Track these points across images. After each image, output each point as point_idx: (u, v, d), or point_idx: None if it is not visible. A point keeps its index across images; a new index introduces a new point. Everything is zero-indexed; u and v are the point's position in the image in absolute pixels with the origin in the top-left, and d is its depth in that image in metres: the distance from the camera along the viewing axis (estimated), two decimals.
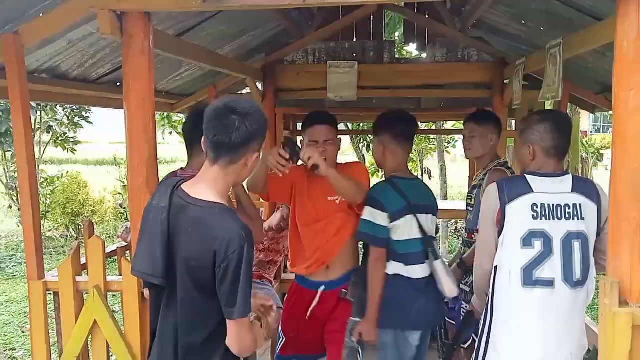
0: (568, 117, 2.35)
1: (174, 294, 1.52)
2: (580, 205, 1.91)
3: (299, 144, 2.64)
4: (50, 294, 2.30)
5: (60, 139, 8.58)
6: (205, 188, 1.52)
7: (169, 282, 1.51)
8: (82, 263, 2.31)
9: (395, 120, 2.40)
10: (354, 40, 4.53)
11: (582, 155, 8.11)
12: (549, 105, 5.04)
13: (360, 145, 9.65)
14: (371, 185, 2.38)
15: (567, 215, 1.90)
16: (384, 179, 2.45)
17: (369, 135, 7.64)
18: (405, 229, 2.28)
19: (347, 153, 23.38)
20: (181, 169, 2.03)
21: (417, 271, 2.31)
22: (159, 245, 1.50)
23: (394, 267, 2.30)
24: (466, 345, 2.40)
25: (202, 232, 1.46)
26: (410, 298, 2.28)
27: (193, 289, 1.48)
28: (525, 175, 1.96)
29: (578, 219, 1.90)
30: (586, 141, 11.82)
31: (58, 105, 7.86)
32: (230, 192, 1.74)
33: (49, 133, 8.41)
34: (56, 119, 8.29)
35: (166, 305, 1.55)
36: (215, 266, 1.44)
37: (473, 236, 2.85)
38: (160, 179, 1.98)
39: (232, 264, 1.42)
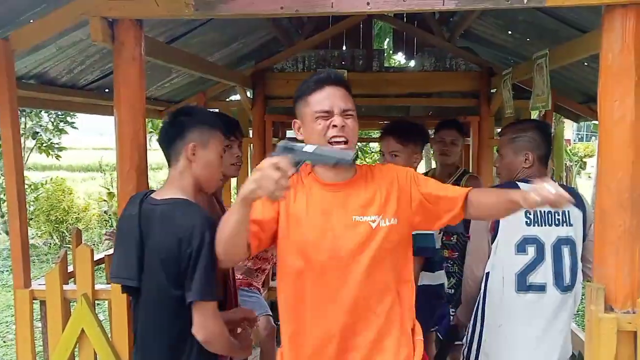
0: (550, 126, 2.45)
1: (151, 294, 1.60)
2: (568, 212, 1.96)
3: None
4: (36, 302, 2.27)
5: (45, 145, 8.48)
6: (169, 189, 1.66)
7: (144, 283, 1.60)
8: (69, 271, 2.29)
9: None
10: (344, 48, 4.57)
11: (566, 164, 8.24)
12: (534, 115, 5.14)
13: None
14: None
15: (557, 222, 1.94)
16: None
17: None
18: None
19: None
20: None
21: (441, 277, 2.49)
22: (133, 250, 1.60)
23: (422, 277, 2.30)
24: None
25: (168, 225, 1.56)
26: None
27: (167, 285, 1.55)
28: (517, 182, 1.99)
29: (567, 225, 1.95)
30: (570, 149, 12.01)
31: (43, 111, 7.78)
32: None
33: (34, 139, 8.31)
34: (41, 125, 8.20)
35: (144, 307, 1.64)
36: (182, 253, 1.52)
37: (452, 238, 2.92)
38: (150, 186, 1.99)
39: (194, 249, 1.51)
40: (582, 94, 4.09)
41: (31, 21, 2.03)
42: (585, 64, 3.06)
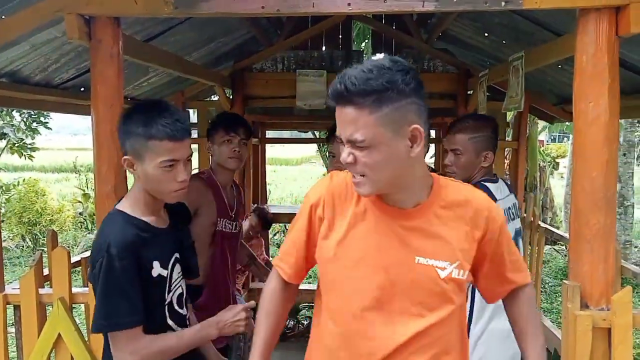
0: None
1: None
2: (515, 204, 2.04)
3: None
4: (9, 307, 2.21)
5: (16, 145, 8.25)
6: (124, 198, 1.55)
7: None
8: (45, 274, 2.23)
9: None
10: (323, 49, 4.58)
11: (539, 164, 8.40)
12: (509, 116, 5.23)
13: (328, 154, 9.69)
14: None
15: (512, 216, 2.02)
16: None
17: None
18: None
19: (313, 161, 23.53)
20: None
21: None
22: None
23: None
24: None
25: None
26: None
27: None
28: (485, 184, 2.00)
29: (517, 217, 2.04)
30: (543, 150, 12.25)
31: (15, 110, 7.58)
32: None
33: (4, 139, 8.08)
34: (12, 125, 7.97)
35: None
36: (93, 276, 1.40)
37: None
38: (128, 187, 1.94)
39: (95, 273, 1.36)
40: (556, 95, 4.18)
41: (3, 17, 1.97)
42: (560, 66, 3.13)
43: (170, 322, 1.50)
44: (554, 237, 4.25)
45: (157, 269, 1.45)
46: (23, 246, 8.19)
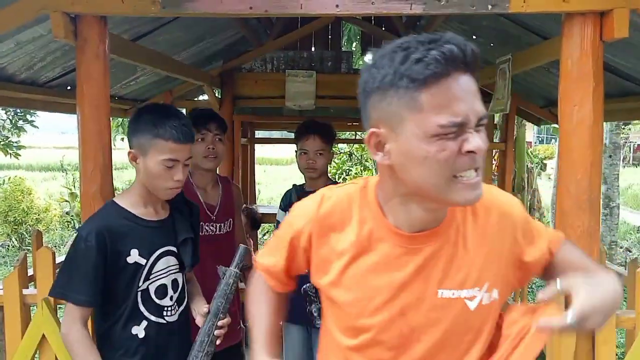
0: None
1: None
2: None
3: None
4: None
5: (2, 143, 8.15)
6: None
7: None
8: (29, 275, 2.20)
9: None
10: (312, 50, 4.58)
11: (527, 165, 8.47)
12: (497, 118, 5.27)
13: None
14: None
15: None
16: None
17: None
18: None
19: None
20: None
21: None
22: None
23: None
24: None
25: None
26: None
27: None
28: None
29: None
30: (531, 152, 12.37)
31: (0, 108, 7.49)
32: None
33: None
34: None
35: None
36: None
37: None
38: (115, 186, 1.95)
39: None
40: (544, 98, 4.22)
41: None
42: (547, 69, 3.16)
43: (142, 308, 1.59)
44: None
45: (134, 257, 1.57)
46: (9, 246, 8.09)
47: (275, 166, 23.68)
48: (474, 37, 3.58)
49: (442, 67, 0.78)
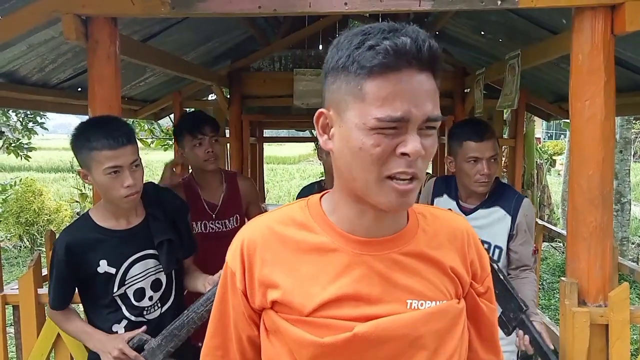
0: None
1: None
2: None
3: None
4: (8, 307, 2.21)
5: (13, 145, 8.23)
6: None
7: None
8: (43, 275, 2.23)
9: None
10: (320, 48, 4.58)
11: (536, 161, 8.42)
12: (506, 113, 5.24)
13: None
14: None
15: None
16: None
17: None
18: None
19: (310, 159, 23.53)
20: None
21: None
22: None
23: None
24: None
25: None
26: None
27: None
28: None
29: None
30: (540, 147, 12.28)
31: (11, 110, 7.56)
32: None
33: (0, 139, 8.06)
34: (9, 125, 7.95)
35: None
36: None
37: None
38: None
39: None
40: (553, 93, 4.19)
41: (0, 17, 1.97)
42: (556, 64, 3.14)
43: (122, 309, 1.68)
44: (552, 234, 4.27)
45: (103, 267, 1.64)
46: (21, 246, 8.18)
47: (283, 165, 23.71)
48: (483, 33, 3.56)
49: (390, 59, 0.74)
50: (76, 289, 1.71)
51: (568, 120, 1.94)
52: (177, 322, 1.60)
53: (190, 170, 2.55)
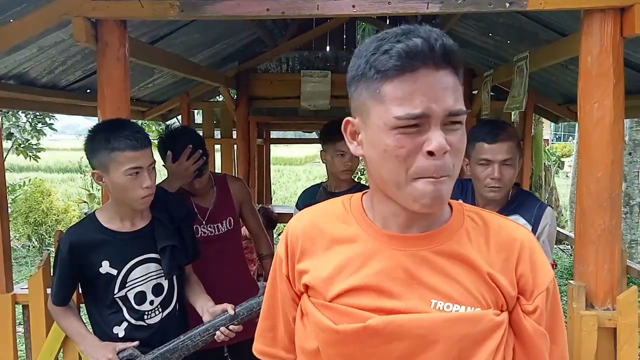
0: None
1: None
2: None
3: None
4: (17, 306, 2.23)
5: (22, 146, 8.30)
6: None
7: None
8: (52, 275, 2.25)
9: None
10: (327, 49, 4.59)
11: (544, 163, 8.38)
12: (514, 116, 5.22)
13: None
14: None
15: None
16: None
17: None
18: None
19: (317, 161, 23.53)
20: None
21: None
22: None
23: None
24: None
25: None
26: None
27: None
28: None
29: None
30: (548, 149, 12.22)
31: (21, 112, 7.63)
32: None
33: (10, 140, 8.13)
34: (18, 125, 8.02)
35: None
36: None
37: None
38: None
39: None
40: (562, 95, 4.17)
41: (11, 21, 1.99)
42: (565, 65, 3.12)
43: (123, 311, 1.69)
44: (560, 237, 4.25)
45: (105, 268, 1.65)
46: (29, 246, 8.25)
47: (290, 166, 23.73)
48: (490, 34, 3.55)
49: (404, 61, 0.75)
50: (79, 287, 1.73)
51: (576, 123, 1.93)
52: (171, 345, 1.60)
53: None
